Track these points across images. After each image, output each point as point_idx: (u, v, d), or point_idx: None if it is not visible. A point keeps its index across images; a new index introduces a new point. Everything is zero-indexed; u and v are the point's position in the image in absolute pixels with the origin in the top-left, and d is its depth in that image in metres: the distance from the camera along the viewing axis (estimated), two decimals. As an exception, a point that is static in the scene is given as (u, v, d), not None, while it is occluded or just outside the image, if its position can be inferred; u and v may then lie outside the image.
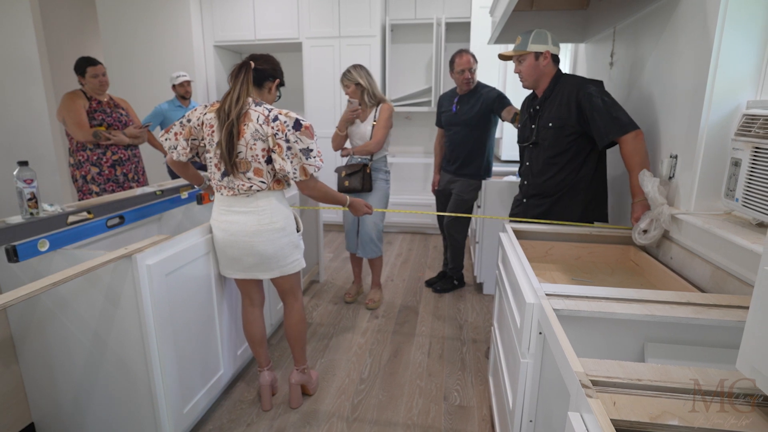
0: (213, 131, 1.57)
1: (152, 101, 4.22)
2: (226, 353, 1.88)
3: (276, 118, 1.53)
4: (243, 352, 2.05)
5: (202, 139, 1.63)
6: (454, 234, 2.99)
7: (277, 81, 1.69)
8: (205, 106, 1.62)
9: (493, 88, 2.79)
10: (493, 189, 2.89)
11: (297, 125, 1.54)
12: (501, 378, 1.52)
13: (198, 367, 1.69)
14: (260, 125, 1.53)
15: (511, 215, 2.17)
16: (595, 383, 0.72)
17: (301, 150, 1.56)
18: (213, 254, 1.74)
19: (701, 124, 1.37)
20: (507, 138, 3.76)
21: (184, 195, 2.16)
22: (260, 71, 1.60)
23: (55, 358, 1.53)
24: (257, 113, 1.54)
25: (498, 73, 3.73)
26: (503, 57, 1.94)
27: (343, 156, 2.68)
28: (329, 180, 3.98)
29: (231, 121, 1.50)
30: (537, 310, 1.09)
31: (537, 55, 1.80)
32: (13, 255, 1.27)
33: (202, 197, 2.10)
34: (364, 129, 2.62)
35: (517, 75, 1.93)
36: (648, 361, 1.00)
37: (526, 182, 2.02)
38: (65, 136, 2.82)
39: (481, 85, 2.78)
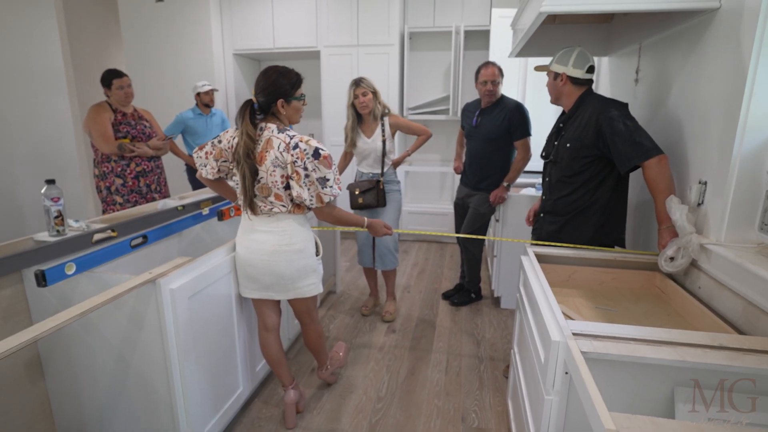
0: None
1: (174, 109, 4.27)
2: (244, 371, 1.89)
3: (296, 146, 1.54)
4: (261, 368, 2.06)
5: (231, 161, 1.64)
6: (470, 247, 2.97)
7: (280, 101, 1.60)
8: (236, 129, 1.63)
9: (513, 100, 2.75)
10: (512, 203, 2.86)
11: (316, 154, 1.54)
12: (522, 405, 1.49)
13: (218, 386, 1.71)
14: (280, 152, 1.54)
15: (532, 230, 2.15)
16: (627, 443, 0.70)
17: (317, 179, 1.56)
18: (234, 274, 1.76)
19: (734, 152, 1.33)
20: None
21: (205, 211, 2.18)
22: (261, 104, 1.60)
23: (80, 377, 1.56)
24: (279, 140, 1.55)
25: (518, 84, 3.69)
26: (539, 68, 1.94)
27: (396, 164, 2.72)
28: (344, 197, 3.99)
29: (242, 164, 1.55)
30: (563, 349, 1.07)
31: (555, 75, 1.78)
32: (41, 280, 1.30)
33: (223, 213, 2.12)
34: (374, 144, 2.62)
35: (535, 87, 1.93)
36: (678, 407, 0.97)
37: (544, 197, 2.00)
38: (90, 147, 2.88)
39: (505, 98, 2.75)
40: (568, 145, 1.79)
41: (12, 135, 3.18)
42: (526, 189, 3.17)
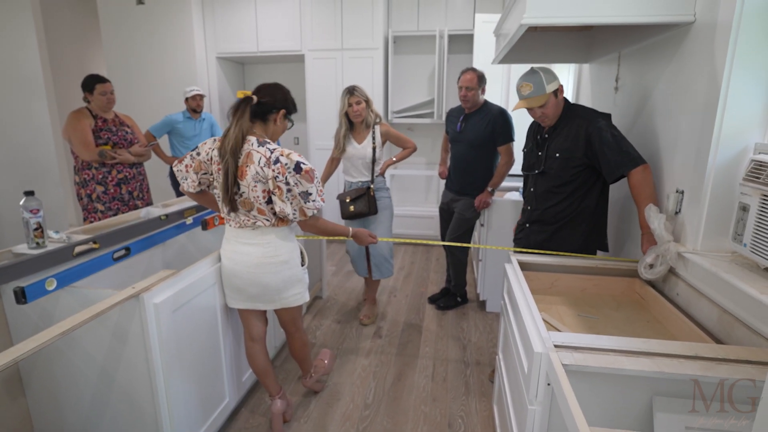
0: (219, 167, 1.57)
1: (155, 113, 4.22)
2: (231, 381, 1.88)
3: (277, 161, 1.52)
4: (247, 378, 2.05)
5: (211, 174, 1.63)
6: (456, 252, 2.99)
7: (282, 111, 1.65)
8: (214, 140, 1.61)
9: (497, 106, 2.78)
10: (496, 208, 2.89)
11: (297, 168, 1.52)
12: (507, 412, 1.52)
13: (204, 398, 1.70)
14: (261, 168, 1.52)
15: (514, 239, 2.18)
16: (606, 459, 0.72)
17: (300, 193, 1.55)
18: (219, 284, 1.75)
19: (709, 162, 1.37)
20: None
21: (189, 221, 2.16)
22: (262, 105, 1.59)
23: (63, 393, 1.53)
24: (259, 154, 1.52)
25: (501, 89, 3.73)
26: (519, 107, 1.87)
27: (382, 172, 2.70)
28: (333, 207, 3.97)
29: (227, 159, 1.51)
30: (545, 360, 1.09)
31: (555, 92, 1.79)
32: (21, 297, 1.28)
33: (207, 223, 2.10)
34: (363, 151, 2.62)
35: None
36: (656, 416, 1.00)
37: (529, 207, 2.02)
38: (70, 153, 2.82)
39: (488, 104, 2.77)
40: (557, 155, 1.81)
41: (-12, 141, 3.11)
42: (510, 193, 3.21)
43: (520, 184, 3.36)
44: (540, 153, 1.93)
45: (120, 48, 4.41)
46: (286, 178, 1.52)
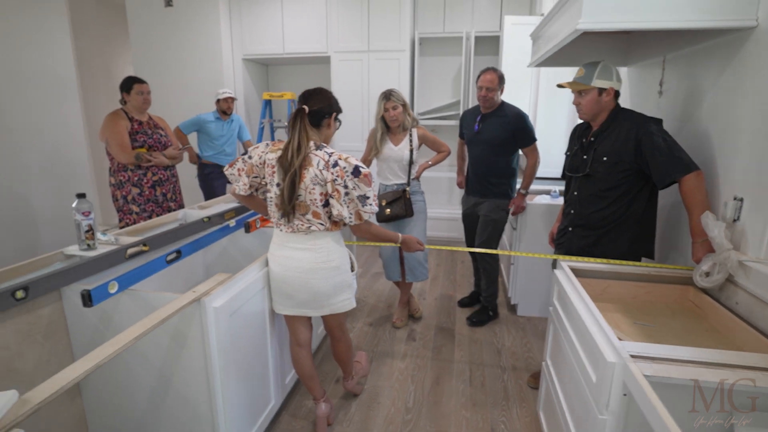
0: (274, 172, 1.58)
1: (182, 114, 4.25)
2: (276, 384, 1.89)
3: (336, 164, 1.53)
4: (290, 380, 2.06)
5: (263, 178, 1.64)
6: (487, 257, 2.88)
7: (334, 114, 1.68)
8: (267, 144, 1.63)
9: (514, 107, 2.71)
10: (528, 211, 2.86)
11: (356, 172, 1.54)
12: (561, 420, 1.50)
13: (253, 401, 1.71)
14: (320, 171, 1.53)
15: (556, 244, 2.16)
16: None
17: (358, 197, 1.56)
18: (267, 289, 1.76)
19: (774, 170, 1.34)
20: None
21: (232, 223, 2.17)
22: (315, 113, 1.59)
23: (119, 395, 1.55)
24: (318, 158, 1.54)
25: (530, 91, 3.70)
26: (562, 86, 1.91)
27: (418, 175, 2.70)
28: None
29: (294, 170, 1.52)
30: (620, 369, 1.07)
31: (600, 90, 1.78)
32: (88, 300, 1.29)
33: (249, 225, 2.11)
34: (400, 153, 2.62)
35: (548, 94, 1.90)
36: (738, 430, 0.98)
37: (572, 211, 2.00)
38: (106, 155, 2.86)
39: (506, 105, 2.72)
40: (604, 158, 1.79)
41: (23, 142, 3.15)
42: (540, 196, 3.18)
43: (549, 187, 3.34)
44: (585, 156, 1.91)
45: (148, 50, 4.46)
46: (344, 182, 1.53)
